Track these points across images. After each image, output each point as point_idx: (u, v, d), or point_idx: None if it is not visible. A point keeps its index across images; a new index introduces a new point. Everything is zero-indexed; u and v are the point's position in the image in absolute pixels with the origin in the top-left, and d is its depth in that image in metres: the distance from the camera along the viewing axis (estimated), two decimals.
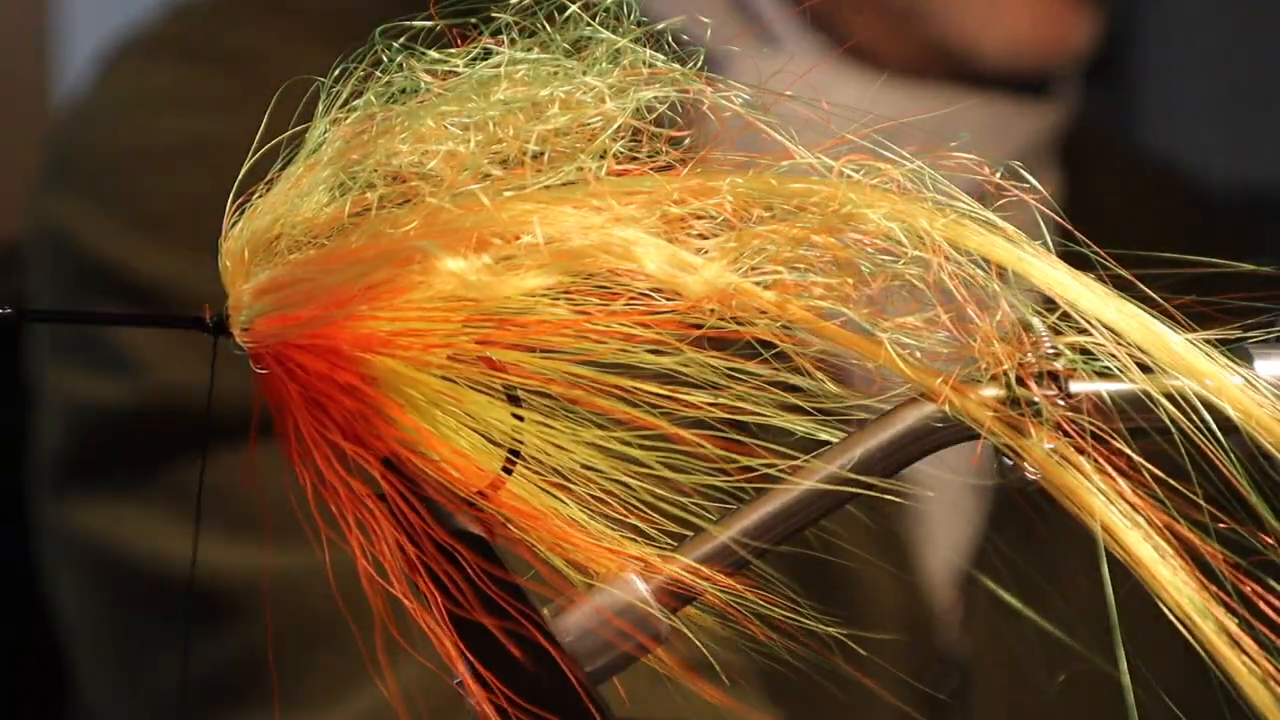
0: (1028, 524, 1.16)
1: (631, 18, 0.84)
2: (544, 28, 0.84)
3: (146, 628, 1.61)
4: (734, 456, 0.83)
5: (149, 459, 1.60)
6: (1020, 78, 1.64)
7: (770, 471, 0.82)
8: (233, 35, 1.70)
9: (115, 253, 1.62)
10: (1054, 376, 0.80)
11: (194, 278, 1.56)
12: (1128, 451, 0.80)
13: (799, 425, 0.83)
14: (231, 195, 0.83)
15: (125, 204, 1.65)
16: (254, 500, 1.53)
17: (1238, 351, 0.82)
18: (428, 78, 0.83)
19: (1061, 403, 0.80)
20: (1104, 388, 0.81)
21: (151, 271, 1.60)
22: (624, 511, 0.83)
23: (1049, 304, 0.80)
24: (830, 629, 0.85)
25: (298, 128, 0.84)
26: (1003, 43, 1.61)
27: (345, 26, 0.84)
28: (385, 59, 0.84)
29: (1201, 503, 0.80)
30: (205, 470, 1.55)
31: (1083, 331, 0.80)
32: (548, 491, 0.83)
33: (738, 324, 0.81)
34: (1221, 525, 0.80)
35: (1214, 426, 0.79)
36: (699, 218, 0.81)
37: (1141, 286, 0.81)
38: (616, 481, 0.83)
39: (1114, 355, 0.80)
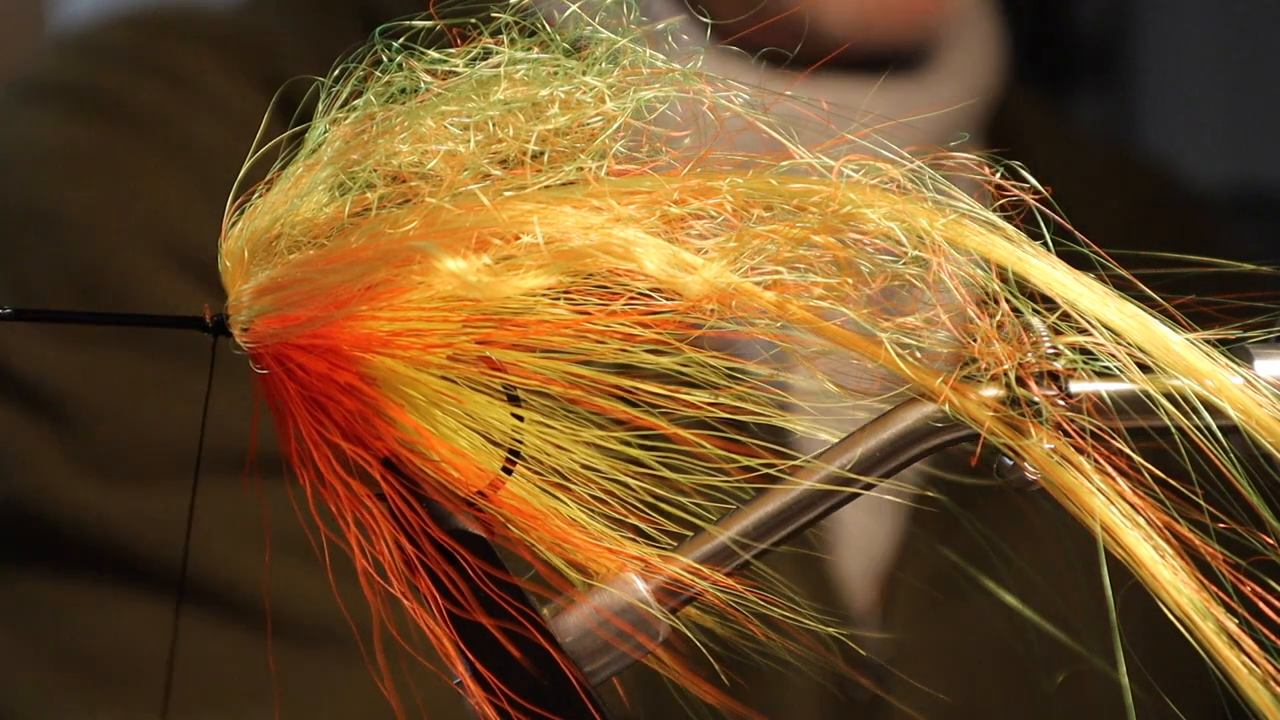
0: (1033, 525, 1.16)
1: (631, 17, 0.84)
2: (544, 28, 0.84)
3: None
4: (734, 456, 0.83)
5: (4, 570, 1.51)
6: (876, 51, 1.59)
7: (770, 471, 0.82)
8: (139, 85, 1.57)
9: None
10: (1054, 376, 0.80)
11: (60, 365, 1.49)
12: (1128, 451, 0.80)
13: (799, 425, 0.83)
14: (231, 197, 0.83)
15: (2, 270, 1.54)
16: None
17: (1238, 351, 0.82)
18: (428, 78, 0.83)
19: (1061, 403, 0.80)
20: (1104, 388, 0.81)
21: (17, 356, 1.50)
22: (624, 511, 0.83)
23: (1049, 304, 0.80)
24: (836, 631, 0.85)
25: (297, 127, 0.84)
26: (845, 13, 1.56)
27: (265, 63, 0.83)
28: (385, 59, 0.84)
29: (1201, 503, 0.80)
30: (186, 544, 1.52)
31: (1083, 331, 0.80)
32: (548, 491, 0.83)
33: (738, 324, 0.81)
34: (1221, 525, 0.80)
35: (1214, 426, 0.79)
36: (699, 218, 0.81)
37: (1141, 286, 0.81)
38: (616, 481, 0.83)
39: (1114, 355, 0.80)
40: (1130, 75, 3.03)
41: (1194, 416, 0.79)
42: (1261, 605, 0.79)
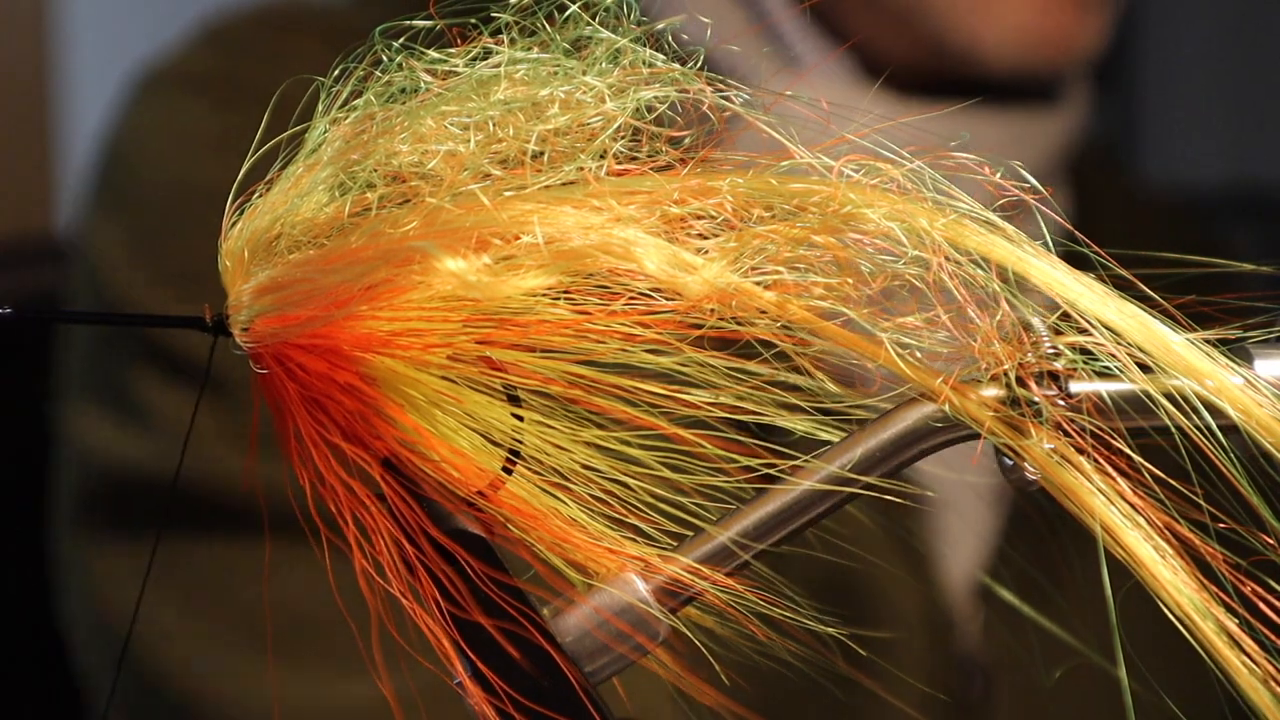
0: (1033, 525, 1.16)
1: (631, 17, 0.84)
2: (544, 27, 0.84)
3: (148, 699, 1.56)
4: (734, 456, 0.83)
5: (148, 525, 1.54)
6: (1026, 80, 1.60)
7: (770, 471, 0.82)
8: (269, 72, 1.64)
9: (137, 298, 1.57)
10: (1054, 376, 0.80)
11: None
12: (1128, 451, 0.80)
13: (799, 425, 0.83)
14: (231, 194, 0.83)
15: (156, 247, 1.58)
16: None
17: (1238, 351, 0.82)
18: (428, 78, 0.83)
19: (1062, 403, 0.80)
20: (1104, 388, 0.81)
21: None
22: (624, 511, 0.83)
23: (1049, 304, 0.80)
24: (834, 631, 0.85)
25: (298, 127, 0.84)
26: (1005, 41, 1.56)
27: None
28: (385, 59, 0.84)
29: (1201, 503, 0.79)
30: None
31: (1083, 331, 0.80)
32: (548, 491, 0.83)
33: (738, 324, 0.81)
34: (1221, 525, 0.80)
35: (1214, 426, 0.79)
36: (699, 218, 0.81)
37: (1141, 286, 0.81)
38: (616, 481, 0.83)
39: (1114, 355, 0.80)
40: (1130, 76, 3.03)
41: (1194, 416, 0.79)
42: (1261, 605, 0.79)
